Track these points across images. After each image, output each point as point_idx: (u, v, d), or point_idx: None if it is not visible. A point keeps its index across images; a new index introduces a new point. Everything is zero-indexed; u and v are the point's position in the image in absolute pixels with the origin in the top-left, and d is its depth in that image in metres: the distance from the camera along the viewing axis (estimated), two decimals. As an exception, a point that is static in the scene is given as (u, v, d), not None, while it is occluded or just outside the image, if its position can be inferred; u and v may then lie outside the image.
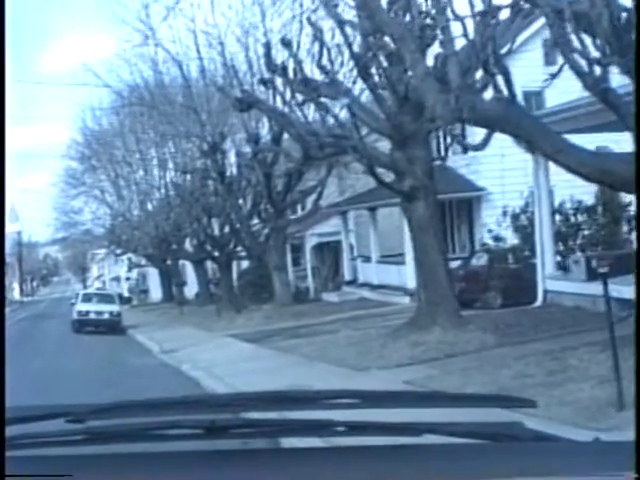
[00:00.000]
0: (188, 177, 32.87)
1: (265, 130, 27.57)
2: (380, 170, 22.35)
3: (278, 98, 18.13)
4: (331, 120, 16.63)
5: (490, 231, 23.54)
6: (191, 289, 46.01)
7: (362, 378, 12.04)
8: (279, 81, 16.79)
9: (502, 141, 26.69)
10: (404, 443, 1.72)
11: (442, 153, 18.37)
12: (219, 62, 25.43)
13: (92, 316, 31.79)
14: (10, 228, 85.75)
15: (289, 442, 2.48)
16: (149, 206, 40.57)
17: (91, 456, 1.68)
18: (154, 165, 37.54)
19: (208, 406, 1.92)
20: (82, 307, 32.37)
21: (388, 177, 29.72)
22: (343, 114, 16.87)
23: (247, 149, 27.57)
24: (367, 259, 29.92)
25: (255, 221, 30.13)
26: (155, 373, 16.69)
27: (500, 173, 27.61)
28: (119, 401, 1.92)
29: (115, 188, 43.15)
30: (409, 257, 27.19)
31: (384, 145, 18.86)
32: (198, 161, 30.16)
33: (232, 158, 29.61)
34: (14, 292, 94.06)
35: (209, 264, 42.34)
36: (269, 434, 1.90)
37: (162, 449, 1.76)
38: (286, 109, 17.45)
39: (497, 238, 23.22)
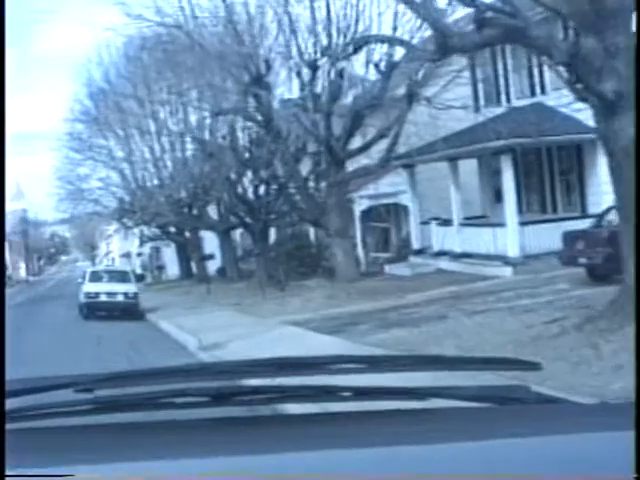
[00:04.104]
0: (219, 121, 26.29)
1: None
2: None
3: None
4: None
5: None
6: (211, 264, 40.77)
7: None
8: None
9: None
10: (409, 407, 1.69)
11: None
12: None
13: (103, 298, 26.18)
14: (15, 205, 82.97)
15: (294, 408, 2.24)
16: (166, 165, 34.28)
17: (98, 426, 1.62)
18: (173, 106, 30.64)
19: (213, 373, 1.88)
20: (91, 288, 26.69)
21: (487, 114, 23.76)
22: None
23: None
24: (445, 222, 23.94)
25: (303, 176, 24.07)
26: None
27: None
28: (126, 370, 1.91)
29: (124, 146, 36.72)
30: (511, 218, 21.39)
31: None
32: (233, 100, 23.48)
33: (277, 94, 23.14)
34: (20, 271, 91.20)
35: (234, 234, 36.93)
36: (275, 400, 1.86)
37: (169, 417, 1.68)
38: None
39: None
